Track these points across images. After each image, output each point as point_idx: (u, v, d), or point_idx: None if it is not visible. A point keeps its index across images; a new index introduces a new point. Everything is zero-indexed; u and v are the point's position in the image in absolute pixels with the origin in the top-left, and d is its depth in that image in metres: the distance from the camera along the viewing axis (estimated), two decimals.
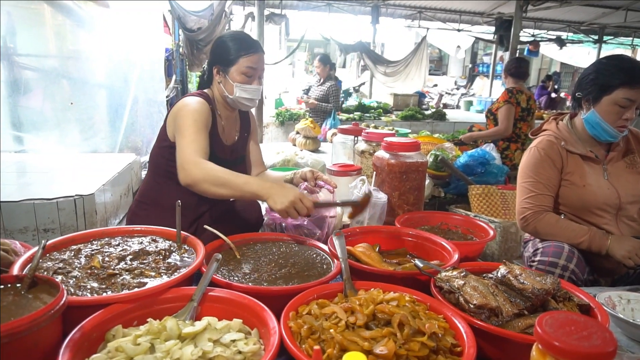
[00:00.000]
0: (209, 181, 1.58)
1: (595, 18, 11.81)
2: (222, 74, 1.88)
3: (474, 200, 2.92)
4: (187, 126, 1.71)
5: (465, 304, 1.15)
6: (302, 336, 1.02)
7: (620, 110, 1.77)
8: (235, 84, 1.85)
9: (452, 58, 19.48)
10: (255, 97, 1.91)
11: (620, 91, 1.75)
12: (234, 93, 1.86)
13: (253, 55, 1.86)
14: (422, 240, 1.73)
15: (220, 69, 1.88)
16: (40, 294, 0.98)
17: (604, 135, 1.86)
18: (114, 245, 1.40)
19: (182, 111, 1.77)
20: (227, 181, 1.58)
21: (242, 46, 1.85)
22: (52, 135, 3.69)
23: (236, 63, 1.85)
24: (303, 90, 11.44)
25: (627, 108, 1.76)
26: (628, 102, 1.75)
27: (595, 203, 1.87)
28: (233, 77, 1.85)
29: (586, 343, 0.65)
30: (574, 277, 1.71)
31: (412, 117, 9.25)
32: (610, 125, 1.81)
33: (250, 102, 1.91)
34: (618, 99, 1.76)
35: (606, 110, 1.80)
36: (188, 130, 1.70)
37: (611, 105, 1.78)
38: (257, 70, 1.88)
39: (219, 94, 1.93)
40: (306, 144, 4.60)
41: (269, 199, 1.56)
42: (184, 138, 1.68)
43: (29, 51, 3.61)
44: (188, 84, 7.39)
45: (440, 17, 12.11)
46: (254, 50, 1.87)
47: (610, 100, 1.78)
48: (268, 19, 9.70)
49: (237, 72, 1.85)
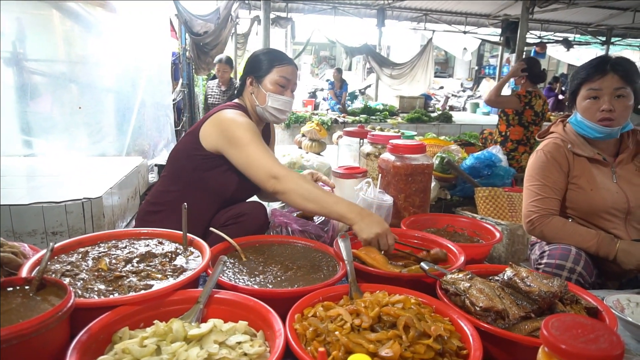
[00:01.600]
0: (301, 194, 1.60)
1: (602, 19, 11.74)
2: (255, 84, 1.93)
3: (481, 203, 2.90)
4: (250, 139, 1.72)
5: (471, 306, 1.15)
6: (307, 338, 1.02)
7: (592, 103, 1.84)
8: (268, 93, 1.89)
9: (458, 60, 19.45)
10: (287, 108, 1.94)
11: (584, 87, 1.87)
12: (266, 102, 1.89)
13: (287, 67, 1.92)
14: (428, 243, 1.73)
15: (254, 79, 1.93)
16: (48, 296, 0.99)
17: (591, 133, 1.88)
18: (121, 247, 1.41)
19: (232, 124, 1.77)
20: (318, 197, 1.59)
21: (275, 57, 1.92)
22: (60, 139, 3.73)
23: (270, 73, 1.90)
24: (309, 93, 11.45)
25: (598, 98, 1.83)
26: (594, 92, 1.83)
27: (604, 207, 1.85)
28: (266, 87, 1.90)
29: (593, 346, 0.64)
30: (581, 280, 1.70)
31: (418, 119, 9.24)
32: (590, 121, 1.85)
33: (280, 113, 1.94)
34: (585, 93, 1.86)
35: (582, 108, 1.89)
36: (253, 143, 1.71)
37: (582, 101, 1.88)
38: (290, 81, 1.93)
39: (250, 105, 1.97)
40: (312, 147, 4.61)
41: (356, 225, 1.53)
42: (254, 150, 1.70)
43: (38, 56, 3.66)
44: (194, 88, 7.43)
45: (446, 19, 12.10)
46: (288, 62, 1.93)
47: (581, 98, 1.88)
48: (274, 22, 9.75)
49: (270, 81, 1.89)
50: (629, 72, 1.79)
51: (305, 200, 1.59)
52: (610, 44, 13.69)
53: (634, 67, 1.82)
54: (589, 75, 1.84)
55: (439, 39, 13.70)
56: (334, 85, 9.92)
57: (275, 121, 2.01)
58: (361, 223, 1.52)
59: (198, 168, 1.85)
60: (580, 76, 1.88)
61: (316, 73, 19.11)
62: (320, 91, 12.73)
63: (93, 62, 3.89)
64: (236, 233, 1.63)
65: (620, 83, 1.78)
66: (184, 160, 1.90)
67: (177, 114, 6.43)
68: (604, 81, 1.80)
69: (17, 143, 3.55)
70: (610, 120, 1.80)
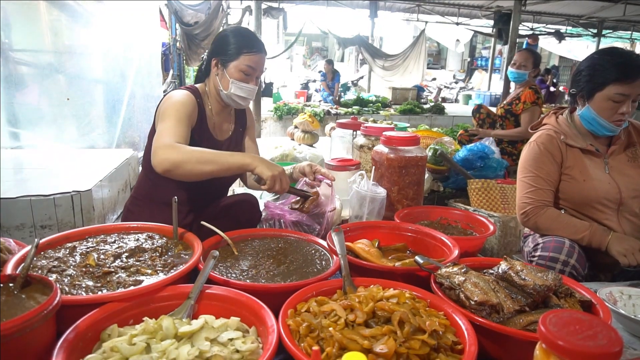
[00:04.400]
0: (193, 160, 1.51)
1: (594, 11, 11.76)
2: (220, 67, 1.84)
3: (473, 195, 2.90)
4: (168, 115, 1.67)
5: (466, 300, 1.14)
6: (300, 334, 1.00)
7: (614, 105, 1.76)
8: (232, 80, 1.82)
9: (451, 52, 19.44)
10: (250, 96, 1.88)
11: (612, 87, 1.74)
12: (229, 89, 1.83)
13: (255, 55, 1.82)
14: (422, 236, 1.72)
15: (219, 61, 1.84)
16: (33, 294, 0.96)
17: (601, 131, 1.85)
18: (110, 242, 1.38)
19: (165, 103, 1.74)
20: (212, 156, 1.54)
21: (245, 43, 1.81)
22: (48, 131, 3.66)
23: (236, 59, 1.81)
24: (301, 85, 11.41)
25: (622, 103, 1.75)
26: (621, 97, 1.74)
27: (596, 198, 1.86)
28: (231, 73, 1.82)
29: (591, 343, 0.63)
30: (574, 273, 1.70)
31: (410, 111, 9.23)
32: (606, 121, 1.80)
33: (243, 100, 1.88)
34: (611, 94, 1.75)
35: (600, 106, 1.79)
36: (168, 119, 1.66)
37: (605, 101, 1.77)
38: (256, 70, 1.85)
39: (214, 87, 1.89)
40: (305, 139, 4.58)
41: (258, 167, 1.56)
42: (163, 126, 1.64)
43: (24, 46, 3.57)
44: (185, 79, 7.35)
45: (438, 10, 12.06)
46: (257, 50, 1.83)
47: (603, 97, 1.77)
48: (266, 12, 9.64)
49: (235, 68, 1.81)
50: None
51: (201, 164, 1.52)
52: (601, 36, 13.74)
53: None
54: (621, 77, 1.72)
55: (432, 31, 13.68)
56: (326, 77, 9.89)
57: (237, 107, 1.96)
58: (262, 165, 1.57)
59: None
60: (611, 75, 1.73)
61: (308, 64, 19.01)
62: (312, 82, 12.67)
63: (81, 52, 3.81)
64: (228, 226, 1.60)
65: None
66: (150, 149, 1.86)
67: None
68: (634, 86, 1.72)
69: (4, 135, 3.48)
70: (623, 121, 1.79)
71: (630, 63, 1.72)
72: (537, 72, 3.94)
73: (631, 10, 10.81)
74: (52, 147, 3.60)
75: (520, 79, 3.89)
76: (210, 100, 1.90)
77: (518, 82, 3.95)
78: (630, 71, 1.71)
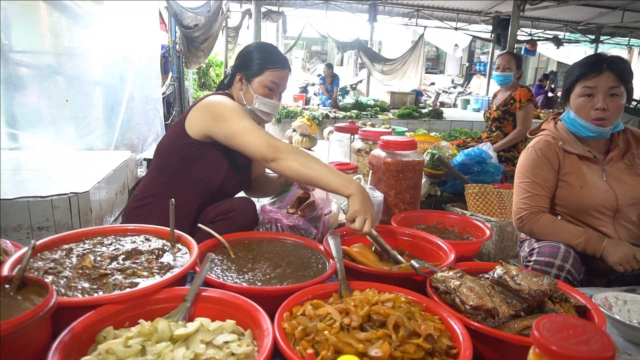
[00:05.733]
0: (299, 161, 1.56)
1: (592, 18, 11.83)
2: (244, 82, 1.87)
3: (471, 199, 2.91)
4: (239, 116, 1.67)
5: (461, 304, 1.14)
6: (296, 337, 1.00)
7: (586, 102, 1.83)
8: (256, 96, 1.84)
9: (450, 56, 19.49)
10: (273, 112, 1.91)
11: (579, 84, 1.85)
12: (253, 104, 1.85)
13: (280, 71, 1.85)
14: (419, 240, 1.72)
15: (244, 77, 1.87)
16: (29, 295, 0.96)
17: (583, 131, 1.88)
18: (107, 244, 1.38)
19: (219, 104, 1.73)
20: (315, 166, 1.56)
21: (269, 59, 1.84)
22: (47, 132, 3.66)
23: (261, 75, 1.83)
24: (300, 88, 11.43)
25: (593, 96, 1.82)
26: (589, 89, 1.82)
27: (592, 205, 1.86)
28: (255, 88, 1.84)
29: (584, 348, 0.64)
30: (570, 278, 1.70)
31: (409, 115, 9.24)
32: (584, 120, 1.85)
33: (267, 116, 1.90)
34: (579, 91, 1.85)
35: (575, 105, 1.88)
36: (245, 118, 1.67)
37: (577, 99, 1.87)
38: (279, 86, 1.88)
39: (237, 101, 1.90)
40: (303, 142, 4.59)
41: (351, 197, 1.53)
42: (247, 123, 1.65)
43: (24, 48, 3.58)
44: (185, 81, 7.36)
45: (437, 15, 12.11)
46: (281, 66, 1.86)
47: (575, 95, 1.88)
48: (265, 16, 9.68)
49: (259, 84, 1.84)
50: (623, 71, 1.79)
51: (303, 166, 1.55)
52: (599, 42, 13.81)
53: (628, 67, 1.82)
54: (584, 72, 1.83)
55: (431, 35, 13.72)
56: (325, 81, 9.91)
57: (260, 122, 1.97)
58: (353, 199, 1.51)
59: (184, 158, 1.81)
60: (575, 73, 1.86)
61: (307, 68, 19.05)
62: (311, 86, 12.69)
63: (81, 54, 3.82)
64: (225, 229, 1.60)
65: (615, 82, 1.77)
66: (170, 152, 1.86)
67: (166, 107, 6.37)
68: (599, 79, 1.79)
69: (3, 136, 3.48)
70: (603, 119, 1.81)
71: (591, 58, 1.86)
72: (520, 73, 4.07)
73: (629, 17, 10.89)
74: (50, 149, 3.60)
75: (506, 81, 4.03)
76: None
77: (504, 85, 4.09)
78: (591, 64, 1.82)
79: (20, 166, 3.09)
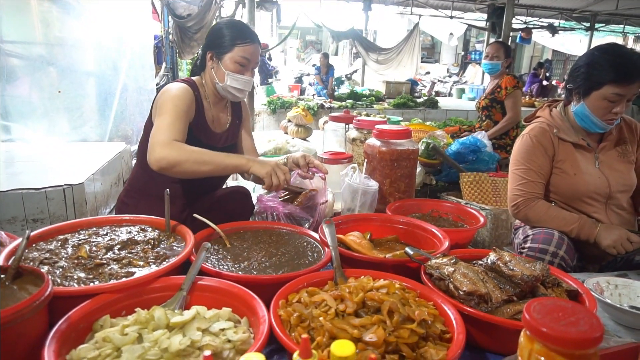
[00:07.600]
0: (191, 160, 1.56)
1: (587, 5, 11.79)
2: (215, 60, 1.85)
3: (465, 188, 2.92)
4: (166, 110, 1.67)
5: (455, 290, 1.15)
6: (291, 324, 1.01)
7: (609, 105, 1.77)
8: (227, 72, 1.82)
9: (445, 45, 19.44)
10: (246, 88, 1.89)
11: (609, 87, 1.73)
12: (225, 81, 1.83)
13: (249, 46, 1.83)
14: (413, 228, 1.73)
15: (214, 54, 1.84)
16: (25, 285, 0.97)
17: (593, 128, 1.87)
18: (102, 234, 1.39)
19: (162, 97, 1.74)
20: (209, 157, 1.60)
21: (238, 35, 1.81)
22: (40, 124, 3.63)
23: (231, 51, 1.81)
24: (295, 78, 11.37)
25: (617, 103, 1.75)
26: (617, 97, 1.74)
27: (586, 191, 1.88)
28: (226, 65, 1.82)
29: (573, 329, 0.65)
30: (563, 264, 1.73)
31: (404, 104, 9.24)
32: (599, 119, 1.81)
33: (239, 92, 1.88)
34: (607, 94, 1.75)
35: (595, 104, 1.80)
36: (166, 114, 1.66)
37: (600, 100, 1.77)
38: (250, 61, 1.85)
39: (210, 80, 1.89)
40: (298, 132, 4.58)
41: (252, 167, 1.66)
42: (162, 121, 1.64)
43: (15, 38, 3.53)
44: (178, 72, 7.30)
45: (432, 4, 12.03)
46: (250, 41, 1.83)
47: (599, 95, 1.77)
48: (259, 5, 9.57)
49: (230, 60, 1.82)
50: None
51: (198, 164, 1.58)
52: (594, 30, 13.79)
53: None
54: (618, 78, 1.71)
55: (426, 24, 13.66)
56: (320, 71, 9.88)
57: (234, 99, 1.95)
58: (256, 164, 1.66)
59: None
60: (607, 75, 1.73)
61: (302, 58, 18.95)
62: (306, 76, 12.63)
63: (72, 44, 3.77)
64: (220, 219, 1.60)
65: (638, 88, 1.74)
66: (146, 142, 1.86)
67: None
68: (630, 88, 1.72)
69: None
70: (615, 120, 1.81)
71: (629, 64, 1.71)
72: (509, 62, 4.09)
73: (623, 5, 10.85)
74: (43, 141, 3.58)
75: (494, 70, 4.06)
76: (207, 94, 1.90)
77: (493, 74, 4.12)
78: (629, 73, 1.70)
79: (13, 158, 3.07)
